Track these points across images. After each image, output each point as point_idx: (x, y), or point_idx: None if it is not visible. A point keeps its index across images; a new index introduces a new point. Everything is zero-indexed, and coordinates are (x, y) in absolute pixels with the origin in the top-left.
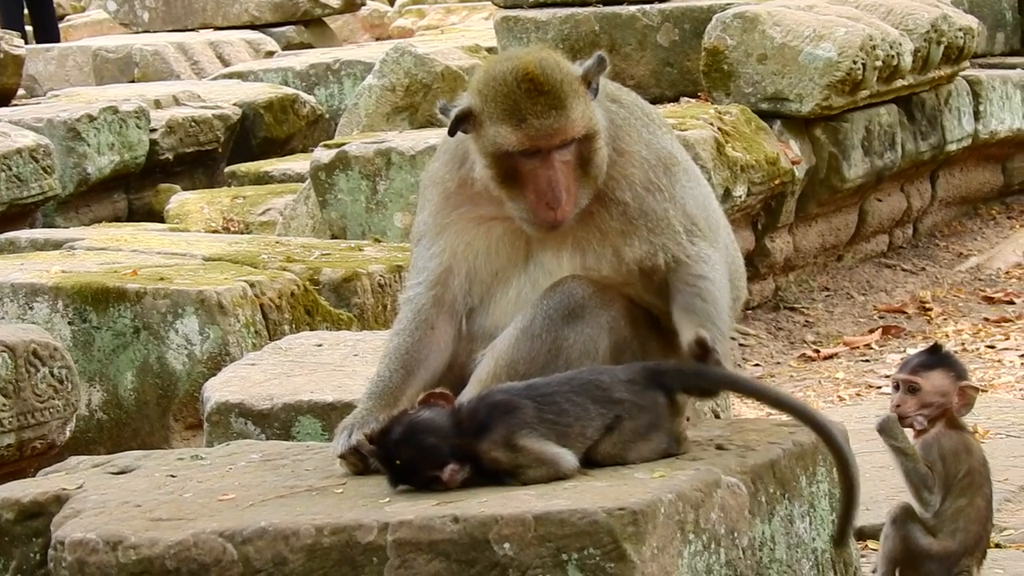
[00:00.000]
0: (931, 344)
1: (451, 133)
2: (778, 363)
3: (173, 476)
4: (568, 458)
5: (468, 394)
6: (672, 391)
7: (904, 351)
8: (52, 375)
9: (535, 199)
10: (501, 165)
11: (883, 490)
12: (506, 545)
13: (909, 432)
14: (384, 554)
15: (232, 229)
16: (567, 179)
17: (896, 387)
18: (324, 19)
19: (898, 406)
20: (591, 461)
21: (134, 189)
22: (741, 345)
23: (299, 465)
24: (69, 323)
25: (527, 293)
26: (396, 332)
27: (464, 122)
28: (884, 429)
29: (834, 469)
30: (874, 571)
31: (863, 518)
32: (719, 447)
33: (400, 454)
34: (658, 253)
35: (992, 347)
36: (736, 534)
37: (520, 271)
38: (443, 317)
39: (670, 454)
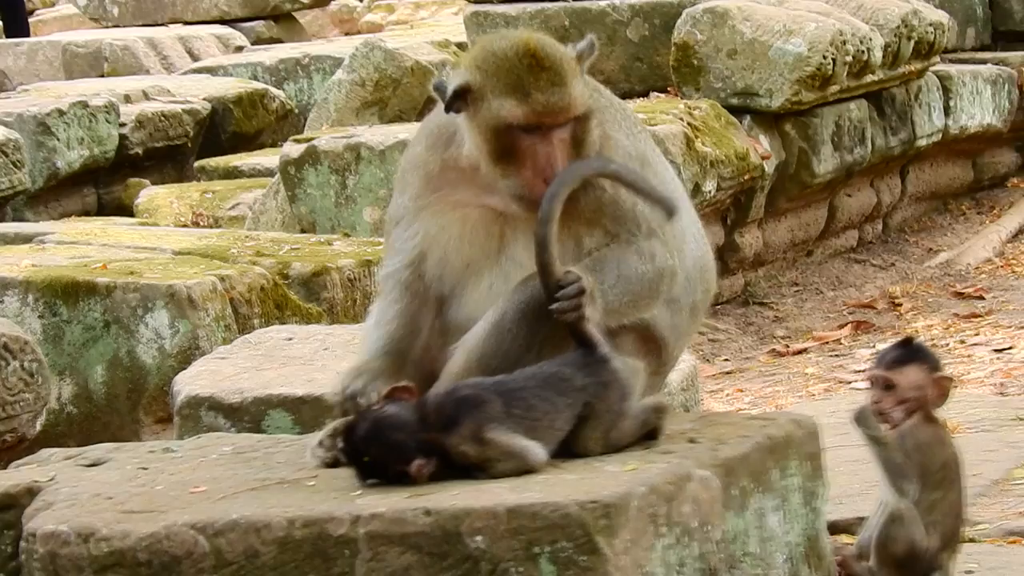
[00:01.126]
0: (903, 338)
1: (447, 109)
2: (747, 358)
3: (145, 469)
4: (536, 451)
5: (439, 389)
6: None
7: (874, 346)
8: (23, 368)
9: (531, 175)
10: (499, 141)
11: (856, 484)
12: (478, 538)
13: (884, 426)
14: (356, 547)
15: (201, 223)
16: (563, 156)
17: (872, 383)
18: (293, 14)
19: (876, 402)
20: (580, 457)
21: (104, 183)
22: (711, 340)
23: (271, 458)
24: (39, 317)
25: (498, 286)
26: (385, 302)
27: (461, 98)
28: (859, 419)
29: (806, 462)
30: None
31: (836, 512)
32: (691, 440)
33: (367, 451)
34: (610, 244)
35: (963, 342)
36: (708, 527)
37: (492, 263)
38: (420, 296)
39: (656, 428)
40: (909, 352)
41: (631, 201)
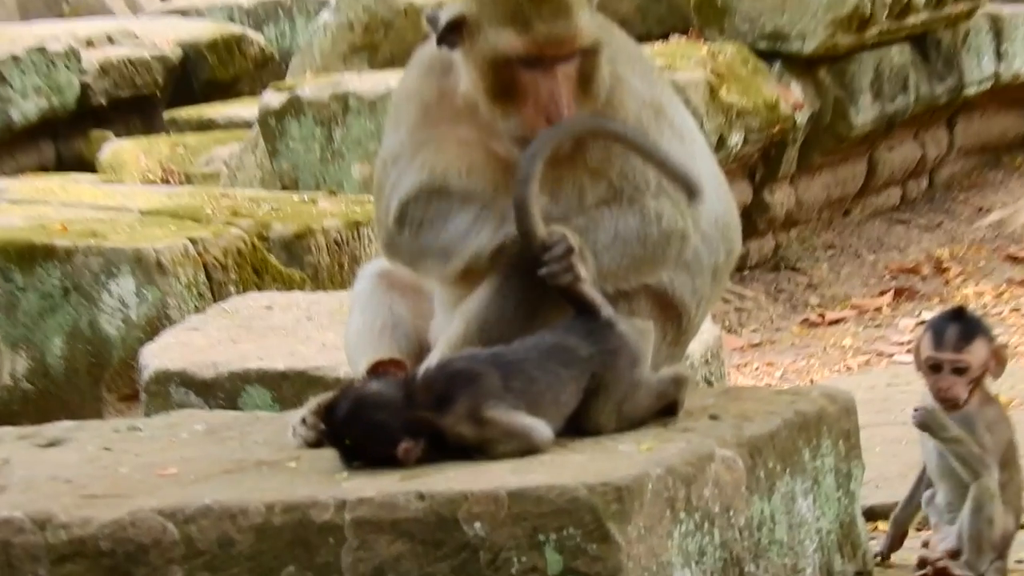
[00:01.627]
0: (954, 309)
1: (440, 43)
2: (778, 329)
3: (108, 449)
4: (541, 429)
5: (434, 359)
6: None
7: (919, 315)
8: None
9: (534, 114)
10: (497, 76)
11: (895, 466)
12: (476, 524)
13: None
14: (341, 534)
15: (172, 180)
16: (569, 93)
17: (936, 368)
18: None
19: (944, 389)
20: (591, 434)
21: (63, 137)
22: (737, 309)
23: (247, 437)
24: None
25: None
26: (421, 223)
27: (455, 31)
28: (926, 424)
29: (840, 441)
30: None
31: (873, 496)
32: (712, 417)
33: (348, 433)
34: (615, 199)
35: (1017, 310)
36: (732, 512)
37: (497, 216)
38: None
39: (675, 402)
40: (969, 326)
41: None
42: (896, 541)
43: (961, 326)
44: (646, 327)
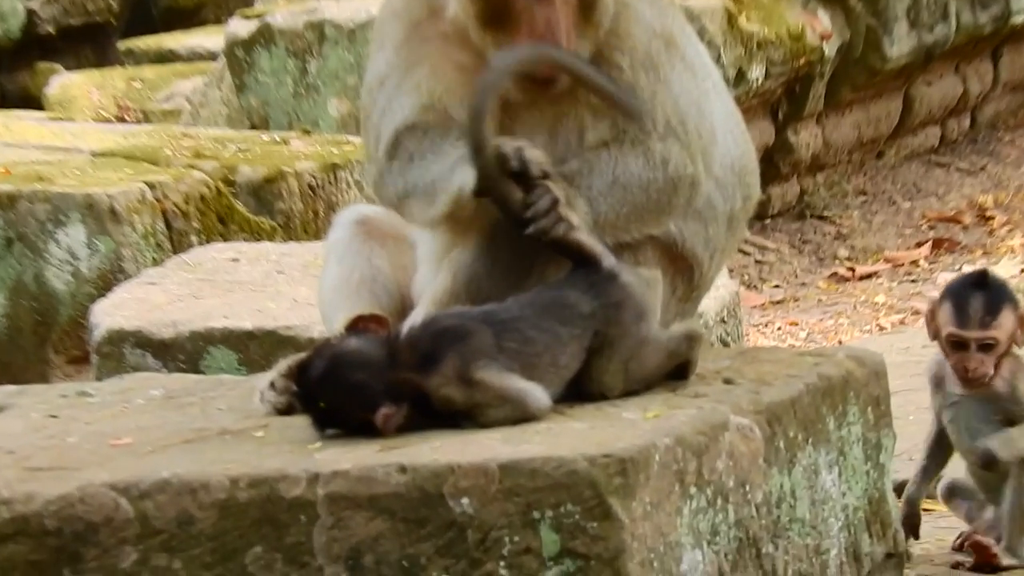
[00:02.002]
0: (972, 275)
1: None
2: (803, 284)
3: (55, 416)
4: (537, 394)
5: (418, 316)
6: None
7: (959, 269)
8: None
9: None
10: (490, 1)
11: None
12: (464, 500)
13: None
14: (314, 511)
15: (128, 119)
16: (568, 22)
17: (960, 346)
18: None
19: (973, 369)
20: (596, 397)
21: (6, 69)
22: (758, 262)
23: (210, 403)
24: None
25: None
26: (410, 155)
27: None
28: (997, 455)
29: (868, 408)
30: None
31: (905, 470)
32: (727, 381)
33: (323, 395)
34: (617, 140)
35: None
36: (748, 487)
37: None
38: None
39: (687, 362)
40: (994, 295)
41: (650, 89)
42: (916, 521)
43: (985, 297)
44: (653, 277)
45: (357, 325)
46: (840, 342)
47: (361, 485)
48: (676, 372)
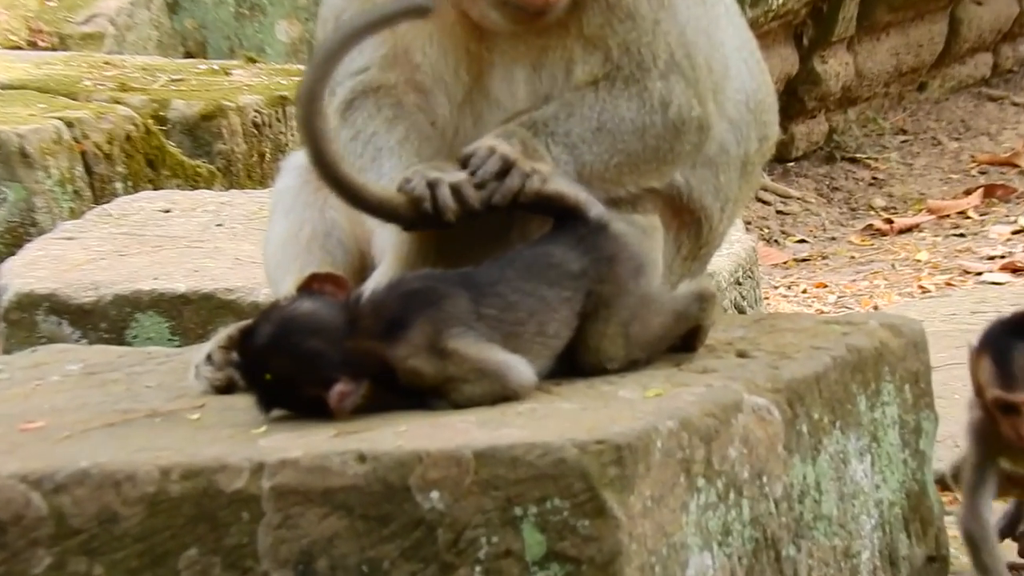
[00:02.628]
0: (1013, 319)
1: None
2: (833, 238)
3: None
4: (520, 368)
5: (380, 277)
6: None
7: (1014, 221)
8: None
9: None
10: None
11: None
12: (434, 495)
13: None
14: (258, 507)
15: (41, 44)
16: None
17: (1011, 409)
18: None
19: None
20: (593, 369)
21: None
22: (779, 213)
23: (136, 380)
24: None
25: (467, 129)
26: (358, 132)
27: None
28: None
29: (906, 385)
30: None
31: (949, 457)
32: (741, 354)
33: (270, 366)
34: (608, 78)
35: None
36: (765, 479)
37: (468, 93)
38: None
39: (697, 328)
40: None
41: (651, 17)
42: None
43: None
44: (651, 224)
45: (310, 286)
46: (875, 307)
47: (313, 476)
48: (683, 342)
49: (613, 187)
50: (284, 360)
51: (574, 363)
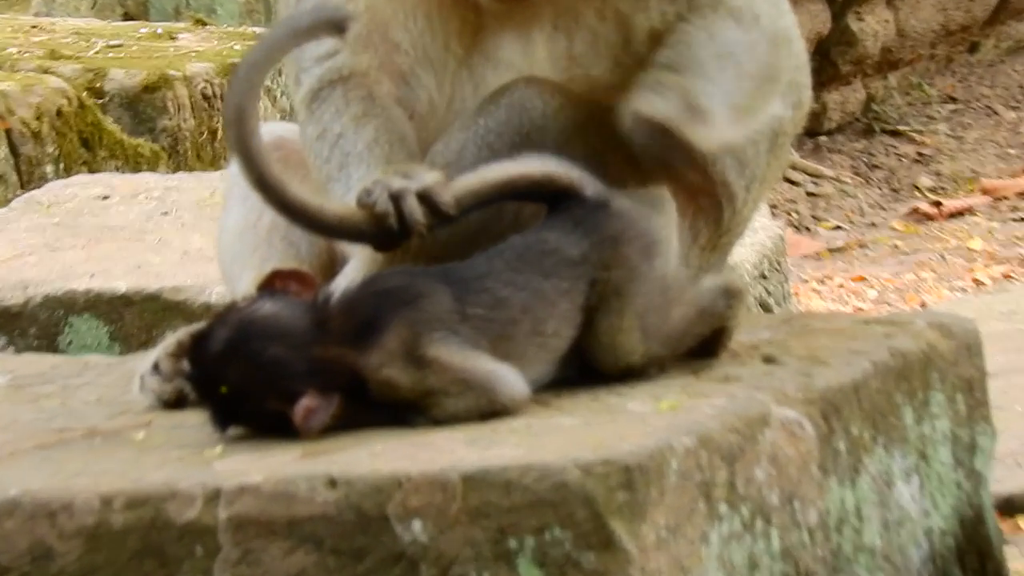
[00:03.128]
0: None
1: None
2: (873, 224)
3: None
4: (511, 378)
5: (351, 274)
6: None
7: None
8: None
9: None
10: None
11: None
12: (415, 524)
13: None
14: (214, 541)
15: None
16: None
17: None
18: None
19: None
20: (608, 369)
21: None
22: (810, 195)
23: (73, 394)
24: None
25: (467, 97)
26: (324, 130)
27: None
28: None
29: (959, 395)
30: None
31: (1010, 479)
32: (768, 359)
33: (226, 377)
34: (691, 11)
35: None
36: (798, 504)
37: (463, 66)
38: (392, 100)
39: (723, 329)
40: None
41: None
42: None
43: None
44: (658, 197)
45: (272, 284)
46: (922, 305)
47: (277, 505)
48: (703, 345)
49: (755, 120)
50: (242, 370)
51: (585, 367)
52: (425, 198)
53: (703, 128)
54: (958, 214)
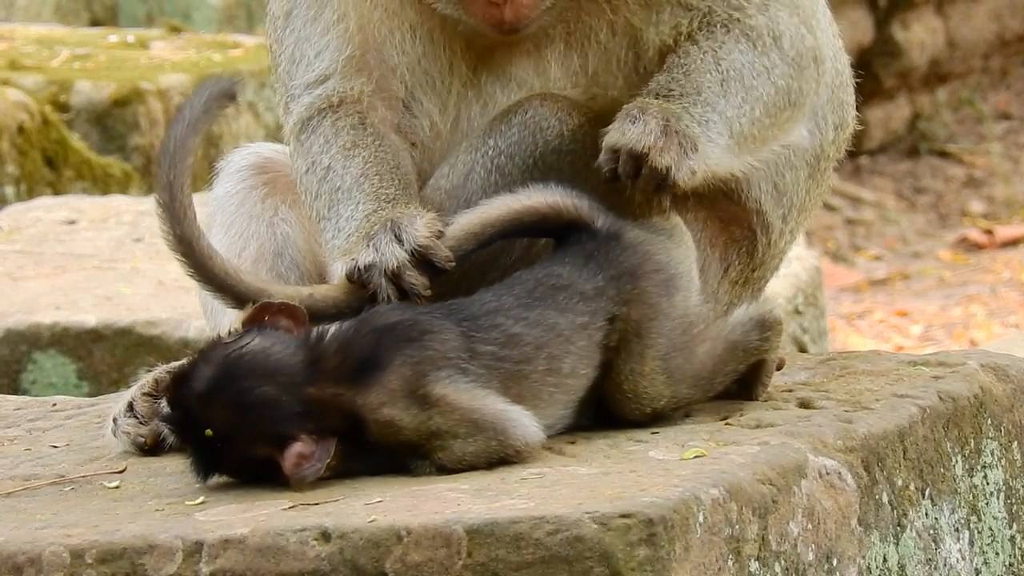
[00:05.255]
0: None
1: None
2: (917, 253)
3: None
4: (523, 421)
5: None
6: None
7: None
8: None
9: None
10: None
11: None
12: None
13: None
14: None
15: None
16: None
17: None
18: None
19: None
20: (630, 412)
21: None
22: (849, 222)
23: (40, 438)
24: None
25: (474, 116)
26: (313, 164)
27: None
28: None
29: (1014, 443)
30: None
31: None
32: (804, 404)
33: (210, 419)
34: (700, 30)
35: None
36: (836, 562)
37: (469, 86)
38: (387, 125)
39: (760, 363)
40: None
41: None
42: None
43: None
44: (674, 226)
45: (260, 318)
46: (971, 343)
47: (264, 560)
48: (740, 384)
49: (763, 149)
50: (228, 412)
51: (607, 413)
52: (421, 258)
53: (686, 157)
54: (1012, 243)
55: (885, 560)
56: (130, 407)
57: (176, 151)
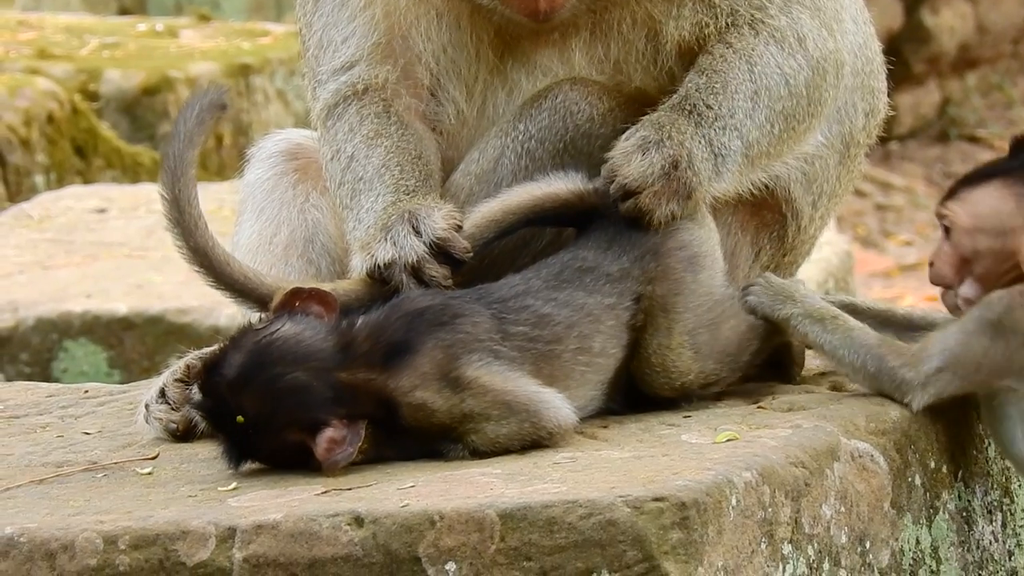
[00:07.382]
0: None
1: None
2: None
3: None
4: (556, 404)
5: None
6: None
7: None
8: None
9: None
10: None
11: None
12: (450, 567)
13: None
14: None
15: None
16: None
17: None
18: None
19: (931, 264)
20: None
21: None
22: (880, 207)
23: (72, 425)
24: None
25: (500, 103)
26: (337, 151)
27: None
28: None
29: None
30: None
31: None
32: (836, 387)
33: (242, 406)
34: (729, 30)
35: None
36: (869, 544)
37: (495, 73)
38: (412, 113)
39: (786, 343)
40: (994, 165)
41: None
42: None
43: (982, 166)
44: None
45: (291, 304)
46: None
47: (297, 545)
48: (775, 368)
49: (776, 163)
50: (260, 398)
51: (637, 392)
52: (439, 250)
53: (675, 203)
54: None
55: (918, 542)
56: (162, 393)
57: (176, 166)
